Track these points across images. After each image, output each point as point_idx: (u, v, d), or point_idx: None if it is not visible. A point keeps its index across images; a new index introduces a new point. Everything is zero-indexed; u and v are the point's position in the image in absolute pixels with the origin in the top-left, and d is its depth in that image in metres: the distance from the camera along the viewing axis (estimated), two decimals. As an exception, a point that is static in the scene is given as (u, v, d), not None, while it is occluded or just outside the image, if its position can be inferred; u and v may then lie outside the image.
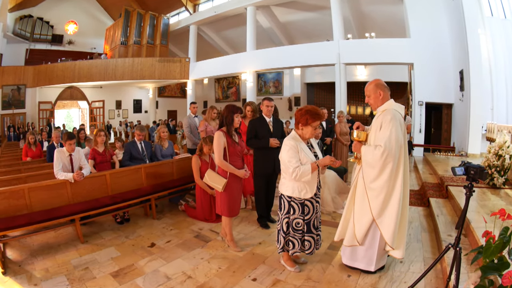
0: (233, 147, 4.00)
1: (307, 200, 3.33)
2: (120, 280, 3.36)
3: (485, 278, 2.18)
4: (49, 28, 22.19)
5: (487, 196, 4.83)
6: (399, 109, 3.16)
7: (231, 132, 4.04)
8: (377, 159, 3.02)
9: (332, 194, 5.71)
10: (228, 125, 4.01)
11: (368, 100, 3.33)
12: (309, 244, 3.40)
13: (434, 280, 3.16)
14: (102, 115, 22.82)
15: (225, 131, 3.99)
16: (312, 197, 3.32)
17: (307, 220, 3.35)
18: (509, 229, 2.20)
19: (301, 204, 3.32)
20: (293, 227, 3.36)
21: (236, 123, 4.04)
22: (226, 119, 4.00)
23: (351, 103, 18.01)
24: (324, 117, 3.19)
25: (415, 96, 12.06)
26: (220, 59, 18.77)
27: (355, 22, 15.73)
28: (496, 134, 8.22)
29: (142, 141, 5.98)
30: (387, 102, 3.19)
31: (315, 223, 3.42)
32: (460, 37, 10.01)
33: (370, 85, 3.29)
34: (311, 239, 3.40)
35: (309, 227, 3.37)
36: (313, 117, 3.26)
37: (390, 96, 3.24)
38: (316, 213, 3.41)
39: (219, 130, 4.01)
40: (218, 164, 4.02)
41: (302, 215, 3.33)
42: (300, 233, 3.37)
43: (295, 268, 3.50)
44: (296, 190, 3.30)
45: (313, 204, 3.36)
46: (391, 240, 3.07)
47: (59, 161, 4.64)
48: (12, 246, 4.27)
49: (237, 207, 4.18)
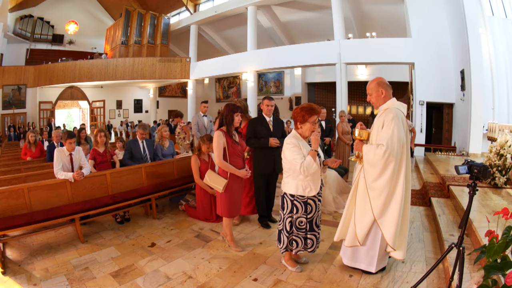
0: (233, 147, 3.94)
1: (310, 199, 3.32)
2: (120, 280, 3.34)
3: (488, 277, 2.15)
4: (49, 28, 22.22)
5: (489, 196, 4.81)
6: (401, 107, 3.13)
7: (231, 131, 3.97)
8: (379, 158, 2.99)
9: (333, 194, 5.69)
10: (228, 124, 3.93)
11: (370, 98, 3.29)
12: (312, 242, 3.41)
13: (436, 280, 3.14)
14: (103, 115, 22.86)
15: (224, 131, 3.93)
16: (315, 195, 3.32)
17: (310, 218, 3.35)
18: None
19: (304, 203, 3.30)
20: (296, 226, 3.35)
21: (236, 123, 3.97)
22: (226, 118, 3.92)
23: (352, 103, 18.00)
24: (320, 111, 3.14)
25: (416, 95, 12.03)
26: (220, 58, 18.75)
27: (356, 21, 15.70)
28: (498, 134, 8.21)
29: (144, 140, 5.96)
30: (389, 101, 3.16)
31: (317, 221, 3.44)
32: (461, 37, 9.99)
33: (372, 83, 3.26)
34: (313, 237, 3.41)
35: (312, 225, 3.37)
36: (309, 113, 3.26)
37: (392, 95, 3.22)
38: (318, 211, 3.42)
39: (218, 129, 3.95)
40: (218, 165, 3.95)
41: (305, 214, 3.32)
42: (304, 231, 3.37)
43: (296, 268, 3.48)
44: (301, 188, 3.28)
45: (315, 202, 3.36)
46: (392, 240, 3.03)
47: (59, 161, 4.63)
48: (11, 246, 4.25)
49: (237, 207, 4.14)
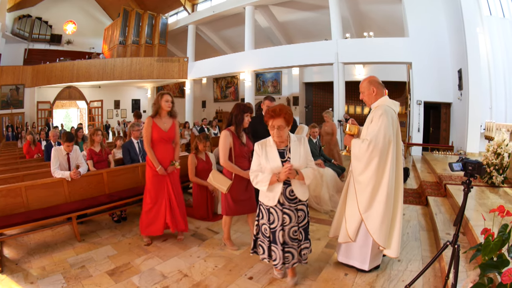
0: (239, 148, 3.83)
1: (272, 208, 3.01)
2: (116, 279, 3.34)
3: (484, 276, 2.15)
4: (47, 28, 22.17)
5: (486, 195, 4.82)
6: (393, 105, 3.16)
7: (239, 132, 3.84)
8: (363, 152, 3.05)
9: (330, 192, 5.69)
10: (238, 124, 3.81)
11: (362, 96, 3.34)
12: (275, 256, 3.04)
13: (432, 279, 3.15)
14: (101, 115, 22.80)
15: (232, 131, 3.82)
16: (276, 205, 2.99)
17: (273, 229, 3.02)
18: (508, 226, 2.17)
19: (267, 210, 3.05)
20: (262, 231, 3.16)
21: (246, 123, 3.85)
22: (236, 118, 3.80)
23: (349, 103, 18.02)
24: (281, 114, 2.97)
25: (413, 95, 12.06)
26: (218, 58, 18.76)
27: (354, 21, 15.75)
28: (495, 133, 8.22)
29: (138, 141, 5.96)
30: (381, 99, 3.20)
31: (280, 236, 2.99)
32: (458, 36, 10.00)
33: (363, 82, 3.32)
34: (276, 251, 3.03)
35: (274, 237, 3.02)
36: (268, 117, 2.97)
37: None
38: (283, 226, 2.99)
39: (226, 129, 3.84)
40: (222, 165, 3.83)
41: (268, 222, 3.06)
42: (268, 240, 3.08)
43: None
44: (263, 195, 3.06)
45: (277, 214, 2.99)
46: (378, 237, 3.05)
47: (56, 160, 4.65)
48: (9, 245, 4.24)
49: (240, 208, 3.93)
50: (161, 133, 4.08)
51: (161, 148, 4.11)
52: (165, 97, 4.07)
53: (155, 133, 4.05)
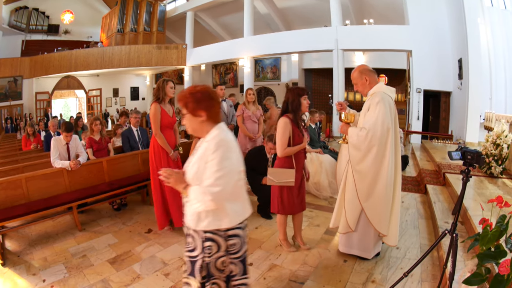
0: (299, 138, 3.40)
1: None
2: (118, 267, 3.38)
3: (481, 266, 2.17)
4: (44, 19, 21.83)
5: (485, 185, 4.85)
6: (389, 91, 3.13)
7: (298, 119, 3.41)
8: (361, 141, 3.03)
9: (329, 179, 5.68)
10: (296, 111, 3.36)
11: (356, 88, 3.30)
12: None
13: (430, 267, 3.18)
14: (100, 104, 22.69)
15: (291, 118, 3.37)
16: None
17: None
18: (506, 217, 2.18)
19: None
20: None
21: (304, 107, 3.40)
22: (292, 104, 3.35)
23: (349, 89, 17.85)
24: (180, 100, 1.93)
25: (413, 83, 12.00)
26: (217, 45, 18.55)
27: (354, 8, 15.52)
28: (494, 123, 8.22)
29: (138, 128, 5.96)
30: (376, 86, 3.17)
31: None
32: (459, 26, 9.92)
33: (354, 73, 3.27)
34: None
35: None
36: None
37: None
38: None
39: (284, 116, 3.39)
40: (280, 156, 3.41)
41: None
42: None
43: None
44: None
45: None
46: (379, 224, 3.08)
47: (56, 150, 4.65)
48: (10, 237, 4.27)
49: (296, 204, 3.54)
50: (168, 118, 4.15)
51: (167, 134, 4.16)
52: (170, 84, 4.12)
53: (164, 119, 4.09)
